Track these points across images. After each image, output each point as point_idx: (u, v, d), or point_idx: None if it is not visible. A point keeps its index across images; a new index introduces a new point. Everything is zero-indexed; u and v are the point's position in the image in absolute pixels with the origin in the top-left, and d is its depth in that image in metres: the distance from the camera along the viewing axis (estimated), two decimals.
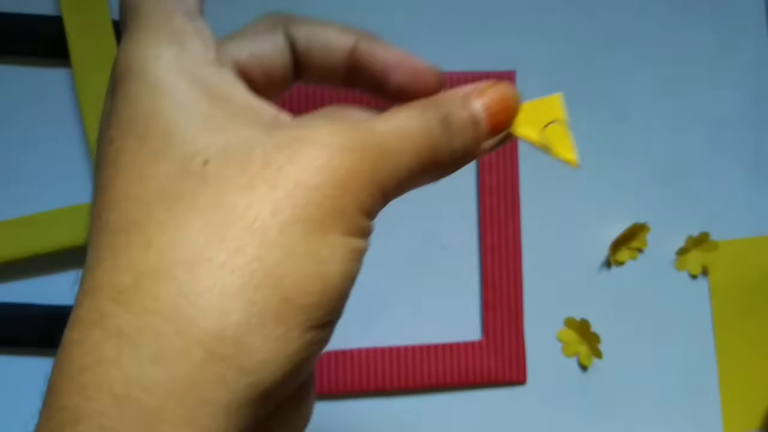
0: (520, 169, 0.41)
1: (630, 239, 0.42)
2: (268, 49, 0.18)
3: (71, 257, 0.38)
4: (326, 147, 0.15)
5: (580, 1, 0.42)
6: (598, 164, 0.42)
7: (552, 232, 0.42)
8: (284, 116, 0.16)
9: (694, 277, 0.43)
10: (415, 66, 0.19)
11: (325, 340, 0.16)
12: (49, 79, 0.38)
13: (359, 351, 0.39)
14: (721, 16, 0.44)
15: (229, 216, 0.14)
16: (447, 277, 0.41)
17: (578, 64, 0.42)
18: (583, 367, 0.42)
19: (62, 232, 0.36)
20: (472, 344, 0.40)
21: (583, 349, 0.41)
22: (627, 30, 0.43)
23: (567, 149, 0.17)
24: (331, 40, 0.18)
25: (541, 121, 0.18)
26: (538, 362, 0.41)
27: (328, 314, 0.15)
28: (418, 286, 0.40)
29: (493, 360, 0.40)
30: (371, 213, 0.16)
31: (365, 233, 0.16)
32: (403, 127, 0.16)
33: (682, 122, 0.43)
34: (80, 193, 0.38)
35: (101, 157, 0.15)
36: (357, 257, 0.16)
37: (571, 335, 0.41)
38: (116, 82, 0.15)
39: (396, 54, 0.19)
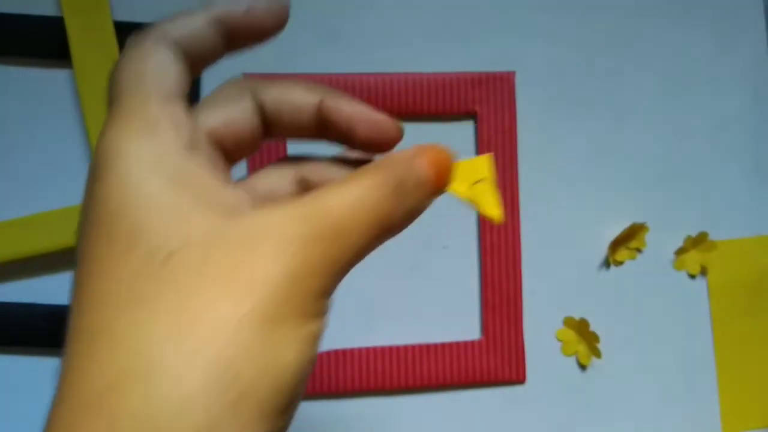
0: (520, 169, 0.41)
1: (629, 239, 0.42)
2: (238, 115, 0.19)
3: (71, 257, 0.38)
4: (281, 241, 0.16)
5: (580, 2, 0.42)
6: (597, 164, 0.42)
7: (551, 232, 0.42)
8: (245, 201, 0.18)
9: (692, 276, 0.43)
10: (377, 120, 0.20)
11: (285, 425, 0.16)
12: (50, 79, 0.38)
13: (359, 350, 0.39)
14: (719, 19, 0.44)
15: (189, 318, 0.15)
16: (447, 277, 0.41)
17: (577, 65, 0.42)
18: (582, 367, 0.42)
19: (62, 232, 0.37)
20: (472, 343, 0.40)
21: (582, 348, 0.41)
22: (626, 32, 0.43)
23: (492, 206, 0.19)
24: (298, 100, 0.20)
25: (471, 178, 0.19)
26: (537, 361, 0.41)
27: (285, 403, 0.16)
28: (418, 286, 0.41)
29: (492, 359, 0.40)
30: (329, 293, 0.17)
31: (323, 313, 0.17)
32: (356, 202, 0.17)
33: (680, 123, 0.43)
34: (80, 193, 0.38)
35: (79, 247, 0.16)
36: (314, 341, 0.16)
37: (570, 335, 0.41)
38: (91, 175, 0.17)
39: (359, 109, 0.20)
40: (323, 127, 0.20)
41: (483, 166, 0.20)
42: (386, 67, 0.40)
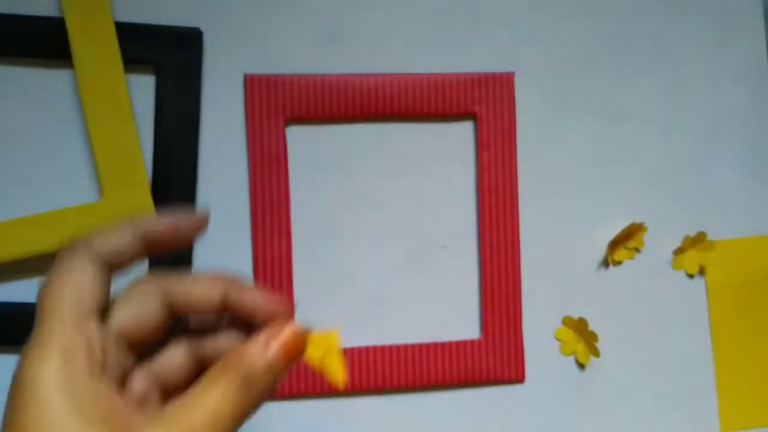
0: (519, 169, 0.41)
1: (627, 239, 0.42)
2: (147, 315, 0.22)
3: None
4: None
5: (579, 3, 0.43)
6: (596, 165, 0.42)
7: (550, 232, 0.42)
8: (135, 418, 0.20)
9: (691, 276, 0.43)
10: (273, 309, 0.23)
11: None
12: (50, 80, 0.38)
13: (359, 349, 0.39)
14: (718, 18, 0.44)
15: None
16: (446, 277, 0.41)
17: (576, 65, 0.42)
18: (581, 366, 0.42)
19: (62, 232, 0.37)
20: (471, 343, 0.40)
21: (580, 347, 0.42)
22: (625, 31, 0.43)
23: (339, 373, 0.23)
24: (203, 295, 0.23)
25: (321, 348, 0.23)
26: (536, 361, 0.41)
27: None
28: (418, 286, 0.41)
29: (491, 358, 0.40)
30: None
31: None
32: (215, 413, 0.20)
33: (679, 123, 0.43)
34: (81, 193, 0.38)
35: None
36: None
37: (569, 334, 0.42)
38: (12, 400, 0.19)
39: (259, 299, 0.23)
40: (227, 311, 0.23)
41: (333, 339, 0.23)
42: (386, 68, 0.40)
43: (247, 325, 0.23)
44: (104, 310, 0.21)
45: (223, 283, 0.23)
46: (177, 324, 0.23)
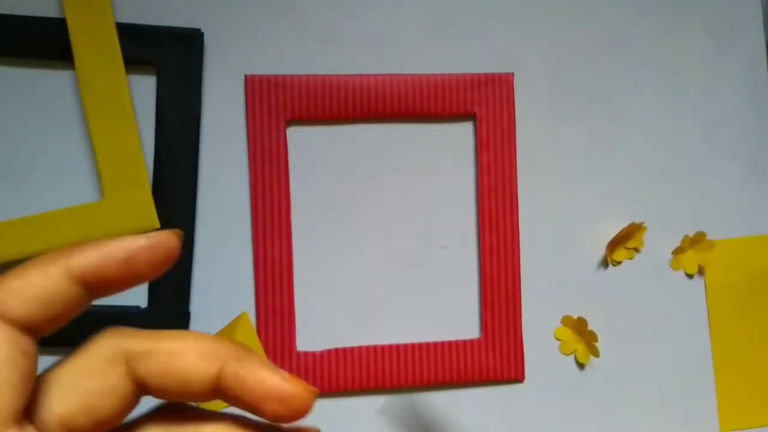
0: (519, 170, 0.41)
1: (627, 239, 0.42)
2: (102, 400, 0.15)
3: None
4: None
5: (578, 4, 0.43)
6: (595, 165, 0.43)
7: (549, 231, 0.42)
8: None
9: (690, 276, 0.43)
10: (288, 396, 0.16)
11: None
12: (51, 80, 0.38)
13: (359, 349, 0.39)
14: (717, 19, 0.44)
15: None
16: (446, 276, 0.41)
17: (576, 66, 0.43)
18: (581, 365, 0.42)
19: (62, 232, 0.37)
20: (471, 342, 0.40)
21: (580, 347, 0.42)
22: (624, 33, 0.43)
23: None
24: (189, 372, 0.15)
25: None
26: (536, 360, 0.41)
27: None
28: (418, 285, 0.41)
29: (491, 358, 0.40)
30: None
31: None
32: None
33: (678, 123, 0.44)
34: (81, 193, 0.38)
35: None
36: None
37: (569, 333, 0.42)
38: None
39: (268, 384, 0.16)
40: (222, 394, 0.16)
41: None
42: (386, 68, 0.40)
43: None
44: (28, 404, 0.15)
45: (219, 357, 0.16)
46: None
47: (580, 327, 0.41)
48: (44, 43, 0.37)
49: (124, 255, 0.16)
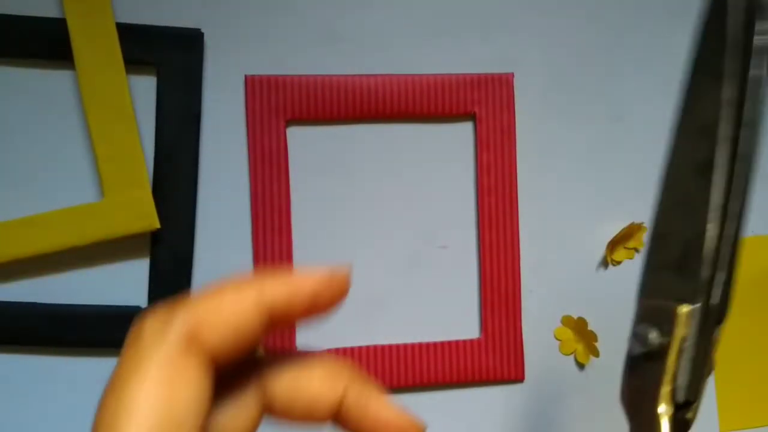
0: (519, 170, 0.41)
1: (626, 239, 0.42)
2: (237, 420, 0.16)
3: (71, 257, 0.38)
4: None
5: (578, 4, 0.43)
6: (595, 165, 0.43)
7: (549, 232, 0.42)
8: None
9: None
10: (404, 428, 0.17)
11: None
12: (51, 80, 0.38)
13: (359, 349, 0.39)
14: None
15: None
16: (446, 276, 0.41)
17: (576, 66, 0.43)
18: (580, 365, 0.42)
19: (62, 232, 0.37)
20: (471, 342, 0.40)
21: (580, 347, 0.42)
22: (624, 32, 0.43)
23: None
24: (315, 392, 0.16)
25: None
26: (535, 360, 0.41)
27: None
28: (418, 285, 0.41)
29: (491, 358, 0.40)
30: None
31: None
32: None
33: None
34: (81, 193, 0.38)
35: None
36: None
37: (569, 333, 0.42)
38: None
39: (389, 412, 0.17)
40: (339, 418, 0.17)
41: None
42: (386, 68, 0.40)
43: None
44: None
45: (344, 380, 0.16)
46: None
47: (580, 327, 0.41)
48: (44, 43, 0.37)
49: (311, 290, 0.16)
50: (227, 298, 0.14)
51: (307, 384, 0.16)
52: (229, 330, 0.14)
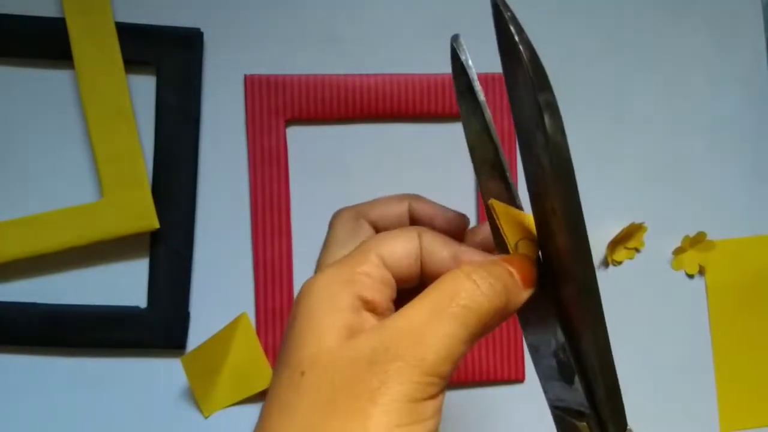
0: (518, 170, 0.41)
1: (627, 239, 0.42)
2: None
3: (71, 257, 0.38)
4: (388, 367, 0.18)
5: (578, 4, 0.43)
6: (596, 165, 0.43)
7: None
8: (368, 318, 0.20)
9: (690, 276, 0.43)
10: (449, 217, 0.26)
11: None
12: (50, 80, 0.38)
13: None
14: (718, 20, 0.44)
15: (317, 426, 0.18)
16: None
17: (576, 66, 0.43)
18: None
19: (62, 232, 0.37)
20: None
21: None
22: (625, 33, 0.43)
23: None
24: (394, 211, 0.26)
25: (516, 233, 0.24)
26: None
27: None
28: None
29: (491, 358, 0.40)
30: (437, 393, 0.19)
31: (435, 412, 0.19)
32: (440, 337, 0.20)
33: (679, 123, 0.44)
34: (81, 193, 0.38)
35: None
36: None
37: None
38: (292, 314, 0.21)
39: (436, 210, 0.26)
40: (413, 221, 0.26)
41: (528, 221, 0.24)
42: (386, 68, 0.40)
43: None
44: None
45: (406, 199, 0.26)
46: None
47: None
48: (44, 43, 0.37)
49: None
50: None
51: (388, 208, 0.27)
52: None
